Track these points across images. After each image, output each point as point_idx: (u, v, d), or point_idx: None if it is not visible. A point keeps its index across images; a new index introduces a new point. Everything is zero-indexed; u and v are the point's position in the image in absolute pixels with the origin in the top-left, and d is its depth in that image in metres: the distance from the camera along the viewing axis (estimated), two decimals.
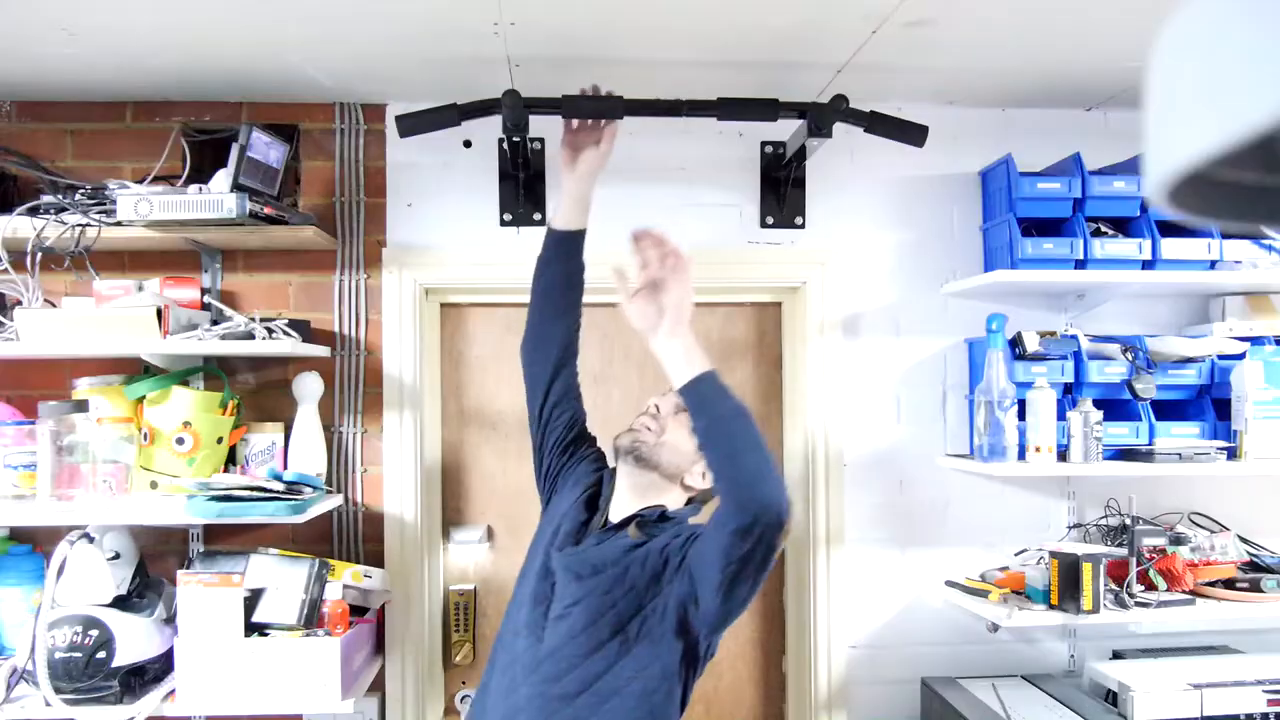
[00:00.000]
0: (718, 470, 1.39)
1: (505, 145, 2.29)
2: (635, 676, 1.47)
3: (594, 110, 1.83)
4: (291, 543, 2.26)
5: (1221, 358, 2.26)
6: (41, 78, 2.11)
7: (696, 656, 1.53)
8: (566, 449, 1.81)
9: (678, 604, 1.48)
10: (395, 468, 2.31)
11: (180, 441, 2.05)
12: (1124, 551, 2.15)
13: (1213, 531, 2.30)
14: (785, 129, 2.24)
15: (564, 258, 1.78)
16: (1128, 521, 2.27)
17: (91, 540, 1.95)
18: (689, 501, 1.69)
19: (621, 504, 1.66)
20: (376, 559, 2.28)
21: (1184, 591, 2.11)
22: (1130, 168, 2.25)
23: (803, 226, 2.38)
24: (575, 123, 1.83)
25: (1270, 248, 2.22)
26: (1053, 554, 2.09)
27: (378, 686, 2.26)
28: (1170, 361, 2.26)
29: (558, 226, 1.80)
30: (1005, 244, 2.25)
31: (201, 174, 2.05)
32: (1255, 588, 2.13)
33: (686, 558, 1.48)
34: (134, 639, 1.90)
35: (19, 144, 2.22)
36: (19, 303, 2.05)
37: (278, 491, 1.96)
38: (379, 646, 2.28)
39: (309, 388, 2.24)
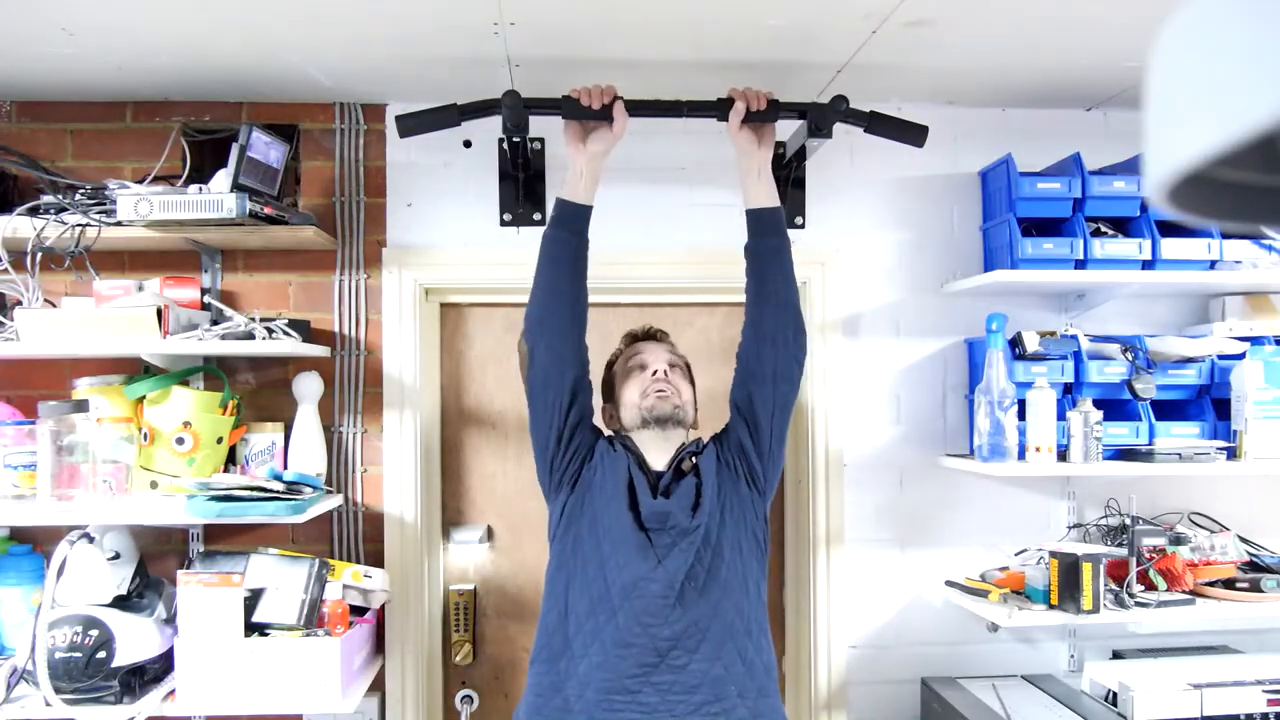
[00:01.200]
0: (771, 284, 1.78)
1: (505, 145, 2.29)
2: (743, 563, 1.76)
3: (593, 112, 1.83)
4: (291, 543, 2.26)
5: (1221, 358, 2.26)
6: (41, 78, 2.11)
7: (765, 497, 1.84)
8: (586, 427, 1.84)
9: (739, 452, 1.81)
10: (395, 468, 2.31)
11: (180, 441, 2.05)
12: (1124, 551, 2.15)
13: (1213, 531, 2.30)
14: (785, 129, 2.24)
15: (573, 229, 1.79)
16: (1128, 521, 2.27)
17: (91, 540, 1.95)
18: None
19: (658, 458, 1.83)
20: (376, 559, 2.29)
21: (1184, 591, 2.11)
22: (1130, 168, 2.25)
23: (803, 226, 2.38)
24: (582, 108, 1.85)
25: (1270, 248, 2.22)
26: (1053, 554, 2.09)
27: (378, 686, 2.26)
28: (1170, 361, 2.26)
29: (565, 197, 1.81)
30: (1005, 244, 2.25)
31: (201, 174, 2.05)
32: (1255, 588, 2.13)
33: (733, 407, 1.84)
34: (134, 639, 1.90)
35: (19, 144, 2.22)
36: (19, 303, 2.05)
37: (278, 491, 1.96)
38: (379, 646, 2.28)
39: (309, 388, 2.24)
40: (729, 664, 1.68)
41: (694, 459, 1.83)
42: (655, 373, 1.84)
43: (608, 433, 1.90)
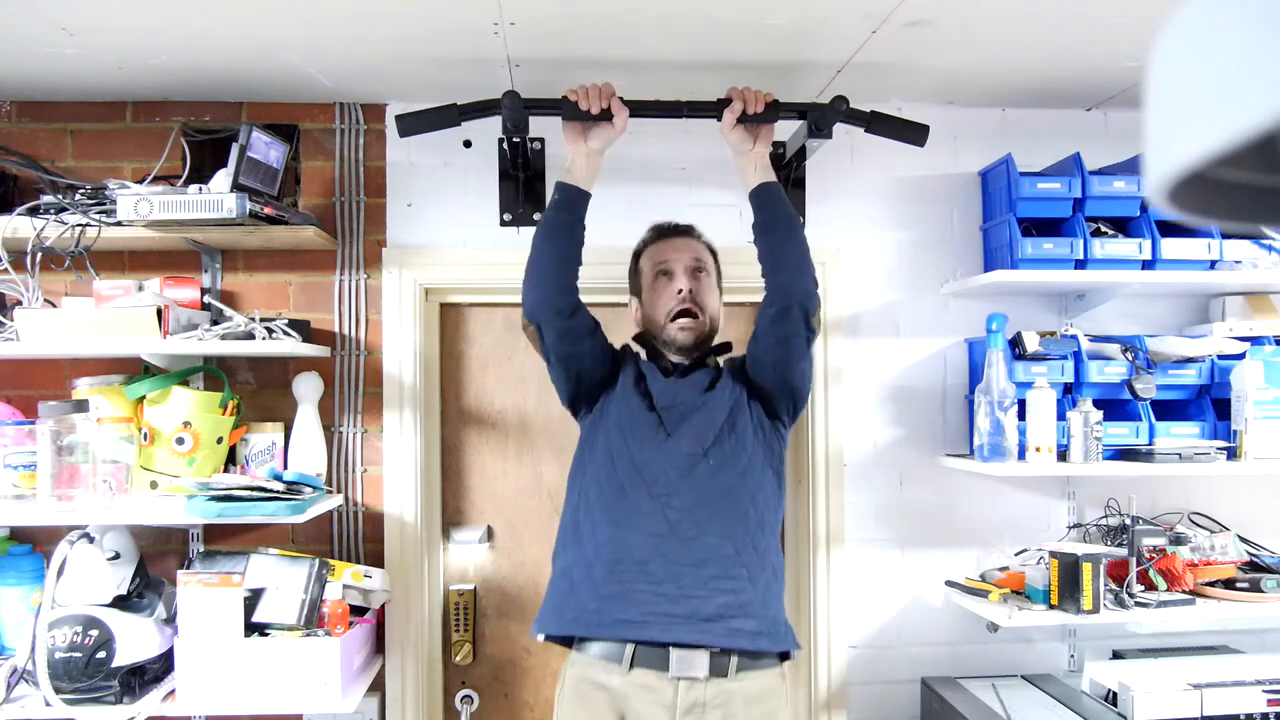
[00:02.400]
0: (769, 258, 1.77)
1: (505, 145, 2.29)
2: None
3: (591, 114, 1.84)
4: (291, 543, 2.26)
5: (1221, 358, 2.26)
6: (41, 78, 2.11)
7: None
8: (603, 364, 1.86)
9: (749, 392, 1.82)
10: (395, 468, 2.31)
11: (180, 441, 2.05)
12: (1124, 551, 2.15)
13: (1213, 531, 2.30)
14: (785, 129, 2.24)
15: (573, 212, 1.81)
16: (1127, 521, 2.27)
17: (91, 540, 1.95)
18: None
19: (682, 357, 1.88)
20: (376, 559, 2.29)
21: (1184, 591, 2.11)
22: (1130, 168, 2.25)
23: (803, 226, 2.38)
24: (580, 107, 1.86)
25: (1270, 248, 2.22)
26: (1053, 554, 2.09)
27: (378, 686, 2.26)
28: (1170, 361, 2.26)
29: (567, 181, 1.83)
30: (1005, 244, 2.25)
31: (201, 174, 2.05)
32: (1255, 588, 2.13)
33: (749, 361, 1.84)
34: (134, 639, 1.90)
35: (19, 144, 2.22)
36: (19, 303, 2.05)
37: (278, 491, 1.96)
38: (379, 646, 2.28)
39: (309, 388, 2.24)
40: (740, 547, 1.67)
41: (719, 360, 1.90)
42: (680, 292, 1.84)
43: (631, 342, 1.95)
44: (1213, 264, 2.21)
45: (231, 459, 2.19)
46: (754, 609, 1.65)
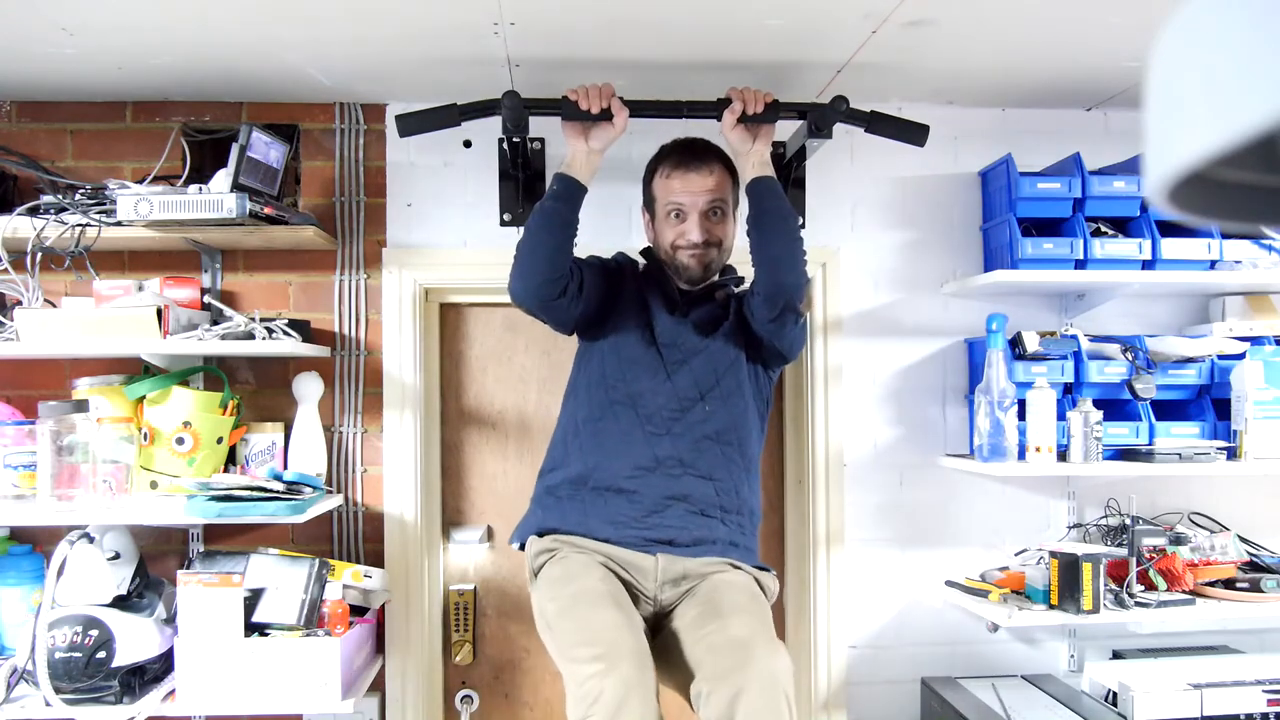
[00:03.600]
0: (758, 252, 1.78)
1: (505, 145, 2.29)
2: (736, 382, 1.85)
3: (591, 114, 1.84)
4: (291, 543, 2.26)
5: (1221, 358, 2.26)
6: (41, 78, 2.11)
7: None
8: (600, 302, 1.87)
9: (746, 341, 1.85)
10: (395, 468, 2.31)
11: (180, 441, 2.05)
12: (1124, 551, 2.15)
13: (1213, 531, 2.30)
14: (785, 129, 2.24)
15: (570, 205, 1.81)
16: (1128, 521, 2.26)
17: (91, 540, 1.95)
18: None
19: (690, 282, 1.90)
20: (376, 559, 2.28)
21: (1184, 591, 2.11)
22: (1130, 168, 2.25)
23: (803, 226, 2.37)
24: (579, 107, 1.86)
25: (1270, 248, 2.22)
26: (1053, 554, 2.09)
27: (378, 686, 2.26)
28: (1170, 361, 2.26)
29: (567, 173, 1.83)
30: (1005, 244, 2.25)
31: (201, 174, 2.05)
32: (1255, 588, 2.13)
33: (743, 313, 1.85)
34: (134, 639, 1.90)
35: (19, 144, 2.22)
36: (19, 303, 2.05)
37: (278, 491, 1.96)
38: (379, 646, 2.28)
39: (309, 388, 2.24)
40: (721, 489, 1.77)
41: (727, 291, 1.90)
42: (694, 242, 1.83)
43: (640, 258, 1.97)
44: (1213, 264, 2.21)
45: (231, 459, 2.19)
46: (727, 542, 1.77)
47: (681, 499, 1.74)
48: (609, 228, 2.25)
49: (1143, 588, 2.11)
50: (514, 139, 2.15)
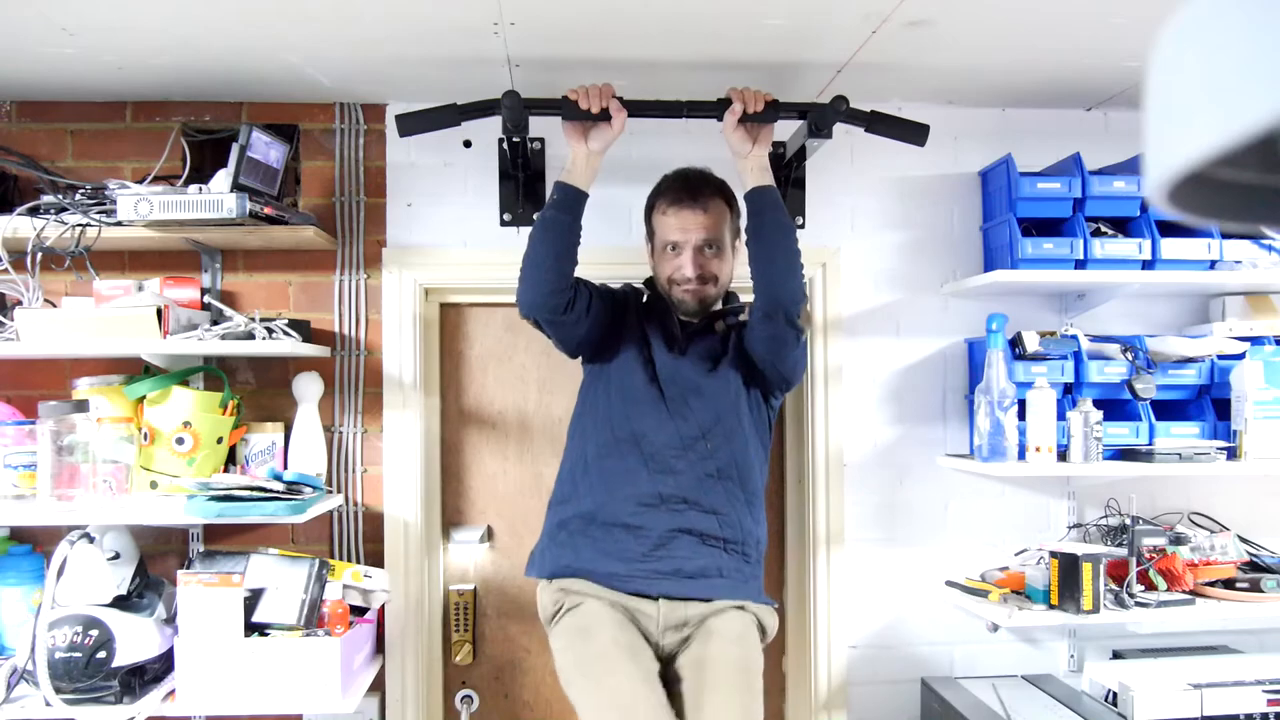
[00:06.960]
0: (757, 262, 1.77)
1: (505, 145, 2.29)
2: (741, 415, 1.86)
3: (591, 114, 1.84)
4: (291, 543, 2.26)
5: (1221, 358, 2.26)
6: (41, 78, 2.11)
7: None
8: (605, 329, 1.90)
9: (747, 373, 1.86)
10: (395, 468, 2.31)
11: (180, 441, 2.05)
12: (1124, 551, 2.15)
13: (1213, 531, 2.30)
14: (785, 129, 2.24)
15: (572, 212, 1.81)
16: (1128, 521, 2.26)
17: (91, 540, 1.95)
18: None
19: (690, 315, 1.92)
20: (376, 559, 2.29)
21: (1184, 591, 2.11)
22: (1130, 168, 2.25)
23: (803, 226, 2.38)
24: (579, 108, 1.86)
25: (1270, 248, 2.22)
26: (1053, 554, 2.09)
27: (378, 686, 2.26)
28: (1170, 361, 2.26)
29: (567, 181, 1.83)
30: (1005, 244, 2.25)
31: (201, 174, 2.05)
32: (1255, 588, 2.13)
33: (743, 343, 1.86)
34: (134, 639, 1.90)
35: (19, 144, 2.22)
36: (19, 303, 2.05)
37: (278, 491, 1.96)
38: (379, 646, 2.28)
39: (309, 388, 2.24)
40: (725, 521, 1.80)
41: (727, 322, 1.91)
42: (687, 276, 1.85)
43: (643, 286, 1.99)
44: (1213, 264, 2.21)
45: (231, 459, 2.19)
46: (731, 571, 1.79)
47: (686, 531, 1.78)
48: (609, 228, 2.25)
49: (1143, 588, 2.11)
50: (514, 139, 2.16)
